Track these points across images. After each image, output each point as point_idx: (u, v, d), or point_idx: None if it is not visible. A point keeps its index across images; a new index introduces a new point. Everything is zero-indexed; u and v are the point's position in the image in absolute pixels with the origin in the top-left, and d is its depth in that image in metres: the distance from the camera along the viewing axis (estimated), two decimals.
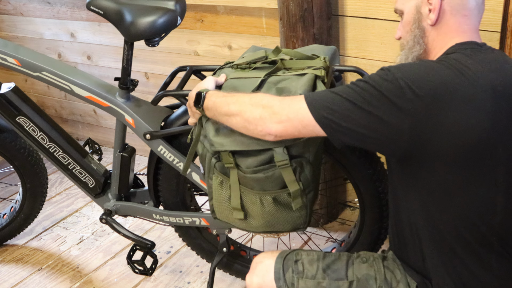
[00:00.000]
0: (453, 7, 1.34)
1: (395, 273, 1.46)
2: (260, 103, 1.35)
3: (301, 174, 1.49)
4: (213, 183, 1.60)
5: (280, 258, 1.51)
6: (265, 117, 1.33)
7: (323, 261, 1.50)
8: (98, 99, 1.97)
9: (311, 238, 2.45)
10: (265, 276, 1.49)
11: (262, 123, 1.33)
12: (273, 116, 1.32)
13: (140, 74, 3.00)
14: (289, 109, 1.31)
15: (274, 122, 1.32)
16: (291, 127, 1.31)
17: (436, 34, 1.37)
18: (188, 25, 2.67)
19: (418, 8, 1.38)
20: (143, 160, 3.07)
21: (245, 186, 1.54)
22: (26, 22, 3.31)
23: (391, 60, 2.18)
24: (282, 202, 1.54)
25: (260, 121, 1.34)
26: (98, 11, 1.85)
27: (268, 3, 2.38)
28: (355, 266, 1.48)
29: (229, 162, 1.51)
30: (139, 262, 2.12)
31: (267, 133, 1.34)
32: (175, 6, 1.84)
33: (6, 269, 2.49)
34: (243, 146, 1.47)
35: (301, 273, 1.48)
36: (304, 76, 1.52)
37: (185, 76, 1.83)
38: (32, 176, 2.38)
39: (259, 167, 1.49)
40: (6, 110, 2.05)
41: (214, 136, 1.50)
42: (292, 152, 1.47)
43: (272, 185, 1.51)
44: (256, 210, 1.56)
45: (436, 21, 1.35)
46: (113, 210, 2.12)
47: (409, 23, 1.41)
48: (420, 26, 1.38)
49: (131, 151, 2.07)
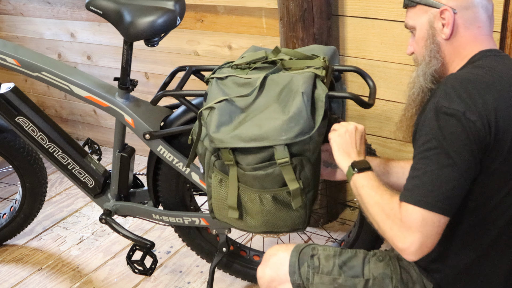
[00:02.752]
0: (466, 20, 1.35)
1: (411, 273, 1.45)
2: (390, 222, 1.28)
3: (301, 172, 1.49)
4: (212, 182, 1.60)
5: (296, 252, 1.50)
6: (397, 236, 1.26)
7: (340, 257, 1.49)
8: (97, 99, 1.96)
9: (311, 238, 2.45)
10: (279, 269, 1.48)
11: (395, 242, 1.26)
12: (405, 236, 1.25)
13: (140, 74, 2.99)
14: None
15: (408, 242, 1.25)
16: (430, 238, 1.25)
17: (452, 47, 1.37)
18: (188, 25, 2.67)
19: (431, 23, 1.38)
20: (143, 160, 3.07)
21: (245, 184, 1.54)
22: (26, 22, 3.30)
23: (391, 60, 2.18)
24: (281, 201, 1.53)
25: (392, 239, 1.27)
26: (97, 11, 1.84)
27: (268, 3, 2.38)
28: (372, 264, 1.47)
29: (229, 159, 1.51)
30: (139, 262, 2.12)
31: (407, 254, 1.25)
32: (175, 6, 1.84)
33: (6, 269, 2.49)
34: (243, 143, 1.47)
35: (316, 268, 1.47)
36: (304, 74, 1.52)
37: (185, 76, 1.83)
38: (32, 176, 2.38)
39: (259, 165, 1.49)
40: (5, 110, 2.05)
41: (214, 132, 1.50)
42: (292, 150, 1.47)
43: (272, 183, 1.51)
44: (255, 209, 1.56)
45: (450, 35, 1.36)
46: (112, 210, 2.12)
47: (423, 38, 1.40)
48: (435, 41, 1.38)
49: (130, 151, 2.07)
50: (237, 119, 1.51)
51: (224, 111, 1.51)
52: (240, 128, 1.49)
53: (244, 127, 1.49)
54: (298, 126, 1.44)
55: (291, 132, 1.44)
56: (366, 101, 1.60)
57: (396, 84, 2.21)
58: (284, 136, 1.44)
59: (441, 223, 1.23)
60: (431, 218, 1.22)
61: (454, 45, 1.37)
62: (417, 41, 1.42)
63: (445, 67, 1.40)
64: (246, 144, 1.47)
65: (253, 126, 1.48)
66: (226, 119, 1.51)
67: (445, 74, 1.40)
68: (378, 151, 1.90)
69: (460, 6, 1.35)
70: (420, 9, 1.40)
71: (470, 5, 1.35)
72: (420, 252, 1.23)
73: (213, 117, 1.51)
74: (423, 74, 1.40)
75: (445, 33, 1.36)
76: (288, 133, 1.44)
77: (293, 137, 1.44)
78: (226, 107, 1.52)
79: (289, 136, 1.44)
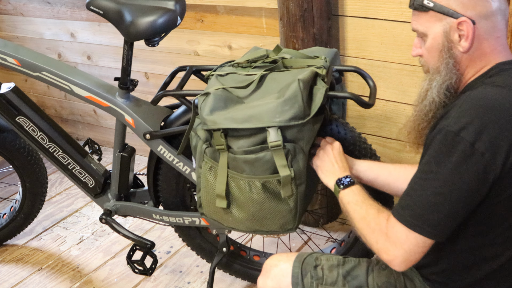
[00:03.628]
0: (486, 31, 1.26)
1: (415, 282, 1.43)
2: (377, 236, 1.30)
3: (293, 160, 1.47)
4: (202, 170, 1.58)
5: (298, 262, 1.47)
6: (382, 249, 1.28)
7: (343, 267, 1.46)
8: (98, 99, 1.96)
9: (311, 238, 2.45)
10: (281, 281, 1.45)
11: (381, 254, 1.29)
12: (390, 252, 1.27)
13: (140, 74, 2.99)
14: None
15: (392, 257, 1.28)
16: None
17: (469, 60, 1.29)
18: (188, 25, 2.67)
19: (447, 34, 1.27)
20: (143, 160, 3.07)
21: (235, 170, 1.52)
22: (26, 22, 3.30)
23: (391, 60, 2.18)
24: (271, 189, 1.51)
25: (378, 251, 1.30)
26: (98, 11, 1.85)
27: (268, 3, 2.38)
28: (375, 273, 1.45)
29: (220, 143, 1.49)
30: (139, 262, 2.12)
31: (392, 265, 1.28)
32: (175, 6, 1.84)
33: (6, 269, 2.49)
34: (236, 124, 1.46)
35: (320, 279, 1.44)
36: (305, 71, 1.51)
37: (185, 76, 1.83)
38: (32, 176, 2.38)
39: (251, 148, 1.47)
40: (6, 110, 2.05)
41: (208, 115, 1.49)
42: (286, 135, 1.46)
43: (263, 169, 1.49)
44: (244, 197, 1.53)
45: (469, 49, 1.27)
46: (113, 210, 2.12)
47: (437, 50, 1.30)
48: (452, 54, 1.28)
49: (131, 151, 2.07)
50: (233, 107, 1.50)
51: (220, 97, 1.51)
52: (234, 111, 1.48)
53: (238, 110, 1.48)
54: (292, 109, 1.44)
55: (285, 114, 1.44)
56: (366, 101, 1.60)
57: (396, 84, 2.21)
58: (278, 118, 1.44)
59: (427, 244, 1.24)
60: (416, 239, 1.23)
61: (471, 58, 1.29)
62: (429, 49, 1.32)
63: (460, 80, 1.32)
64: (239, 125, 1.45)
65: (248, 109, 1.48)
66: (221, 105, 1.50)
67: (459, 87, 1.33)
68: (378, 151, 1.89)
69: (479, 16, 1.25)
70: (433, 16, 1.28)
71: (489, 14, 1.25)
72: (405, 265, 1.26)
73: (208, 102, 1.51)
74: (437, 87, 1.31)
75: (463, 46, 1.26)
76: (282, 116, 1.44)
77: (287, 120, 1.43)
78: (223, 94, 1.52)
79: (283, 118, 1.43)
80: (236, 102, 1.52)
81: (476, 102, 1.20)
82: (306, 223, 2.54)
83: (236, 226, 1.63)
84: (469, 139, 1.16)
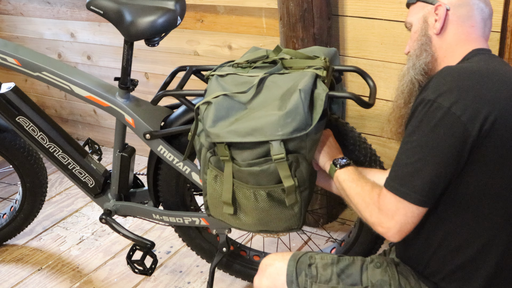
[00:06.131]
0: (459, 17, 1.39)
1: (409, 279, 1.44)
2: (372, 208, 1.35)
3: (296, 169, 1.49)
4: (208, 178, 1.59)
5: (293, 261, 1.49)
6: (376, 221, 1.34)
7: (337, 265, 1.48)
8: (98, 99, 1.96)
9: (311, 238, 2.45)
10: (276, 279, 1.47)
11: (376, 227, 1.35)
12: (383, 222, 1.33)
13: (140, 74, 3.00)
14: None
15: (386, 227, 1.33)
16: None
17: (444, 43, 1.41)
18: (188, 25, 2.67)
19: (426, 18, 1.42)
20: (143, 160, 3.07)
21: (240, 180, 1.53)
22: (26, 22, 3.31)
23: (391, 60, 2.18)
24: (276, 198, 1.53)
25: (373, 225, 1.36)
26: (98, 11, 1.85)
27: (268, 3, 2.38)
28: (370, 271, 1.46)
29: (224, 154, 1.50)
30: (139, 262, 2.12)
31: (387, 237, 1.33)
32: (175, 6, 1.84)
33: (6, 269, 2.49)
34: (239, 138, 1.47)
35: (314, 277, 1.46)
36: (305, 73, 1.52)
37: (185, 76, 1.83)
38: (32, 176, 2.38)
39: (255, 160, 1.49)
40: (6, 110, 2.05)
41: (211, 127, 1.49)
42: (289, 146, 1.47)
43: (267, 180, 1.51)
44: (250, 205, 1.55)
45: (441, 30, 1.40)
46: (113, 210, 2.12)
47: (416, 32, 1.45)
48: (426, 34, 1.42)
49: (131, 151, 2.07)
50: (235, 115, 1.51)
51: (222, 106, 1.51)
52: (237, 123, 1.48)
53: (241, 122, 1.48)
54: (294, 122, 1.44)
55: (287, 127, 1.44)
56: (367, 101, 1.60)
57: (396, 84, 2.20)
58: (280, 131, 1.44)
59: (415, 214, 1.28)
60: (405, 209, 1.28)
61: (447, 41, 1.40)
62: (411, 36, 1.46)
63: (437, 62, 1.42)
64: (242, 139, 1.46)
65: (250, 121, 1.47)
66: (223, 114, 1.50)
67: (436, 69, 1.42)
68: (378, 151, 1.89)
69: (454, 3, 1.39)
70: (419, 6, 1.45)
71: (464, 4, 1.39)
72: (399, 235, 1.31)
73: (210, 111, 1.51)
74: (413, 66, 1.43)
75: (436, 27, 1.40)
76: (284, 129, 1.44)
77: (289, 133, 1.44)
78: (224, 102, 1.52)
79: (285, 131, 1.44)
80: (238, 109, 1.52)
81: (452, 71, 1.29)
82: (306, 223, 2.54)
83: (243, 228, 1.66)
84: (446, 104, 1.22)
